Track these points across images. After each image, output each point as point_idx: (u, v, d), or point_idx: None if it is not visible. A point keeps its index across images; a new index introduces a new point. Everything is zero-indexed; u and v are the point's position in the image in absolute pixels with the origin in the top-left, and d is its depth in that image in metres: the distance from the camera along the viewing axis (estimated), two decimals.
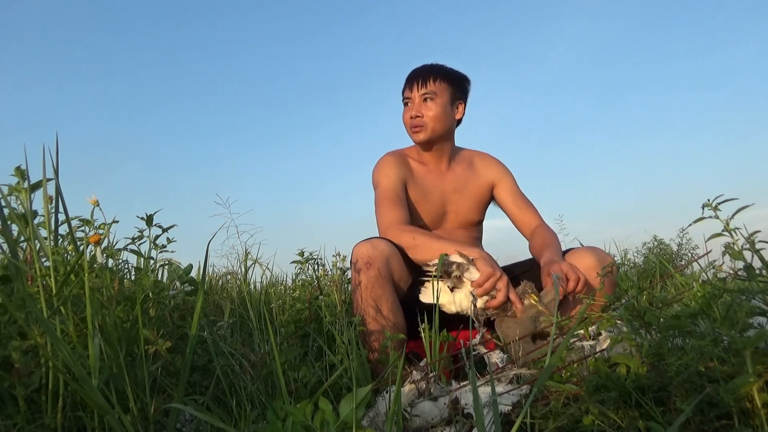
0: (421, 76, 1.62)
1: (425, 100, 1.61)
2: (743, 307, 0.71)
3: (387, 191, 1.57)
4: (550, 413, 0.78)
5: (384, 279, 1.32)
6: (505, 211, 1.72)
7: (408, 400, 0.85)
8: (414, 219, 1.63)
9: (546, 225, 1.63)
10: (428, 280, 1.31)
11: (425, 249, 1.37)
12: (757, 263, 0.78)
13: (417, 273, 1.44)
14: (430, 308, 1.24)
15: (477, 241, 1.75)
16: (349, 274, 1.46)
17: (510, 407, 0.82)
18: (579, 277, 1.27)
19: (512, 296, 1.26)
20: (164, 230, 1.31)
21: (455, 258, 1.30)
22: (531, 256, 1.59)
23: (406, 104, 1.65)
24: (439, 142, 1.65)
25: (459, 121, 1.71)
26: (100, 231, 1.11)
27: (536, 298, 1.25)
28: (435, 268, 1.29)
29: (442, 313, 1.23)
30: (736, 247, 0.80)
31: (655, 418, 0.70)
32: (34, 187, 1.01)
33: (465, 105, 1.70)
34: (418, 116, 1.60)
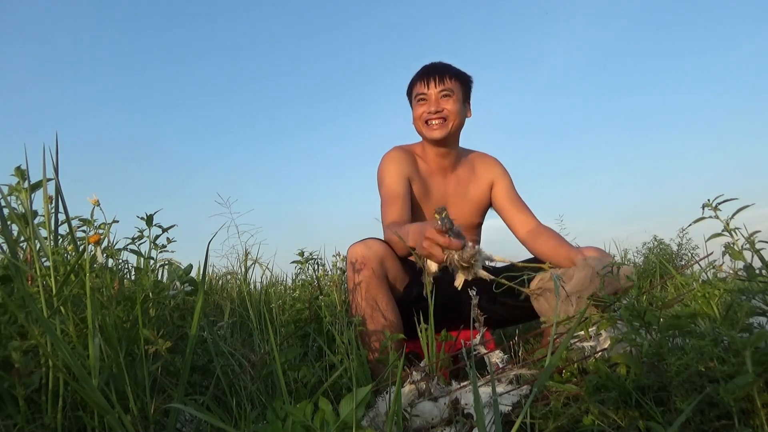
0: (437, 72, 1.61)
1: (443, 96, 1.59)
2: (743, 307, 0.71)
3: (388, 191, 1.57)
4: (550, 413, 0.78)
5: (379, 279, 1.32)
6: (500, 211, 1.71)
7: (408, 400, 0.85)
8: (415, 218, 1.63)
9: (544, 225, 1.62)
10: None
11: (393, 245, 1.38)
12: (757, 263, 0.78)
13: (413, 272, 1.43)
14: (426, 308, 1.24)
15: (476, 243, 1.75)
16: None
17: (510, 407, 0.82)
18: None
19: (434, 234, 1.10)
20: (164, 230, 1.31)
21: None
22: (531, 257, 1.58)
23: (419, 101, 1.62)
24: (450, 140, 1.65)
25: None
26: (100, 231, 1.11)
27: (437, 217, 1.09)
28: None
29: (443, 313, 1.23)
30: (736, 247, 0.80)
31: (655, 418, 0.70)
32: (34, 187, 1.01)
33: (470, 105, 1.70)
34: (438, 111, 1.58)
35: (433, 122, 1.59)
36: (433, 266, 1.23)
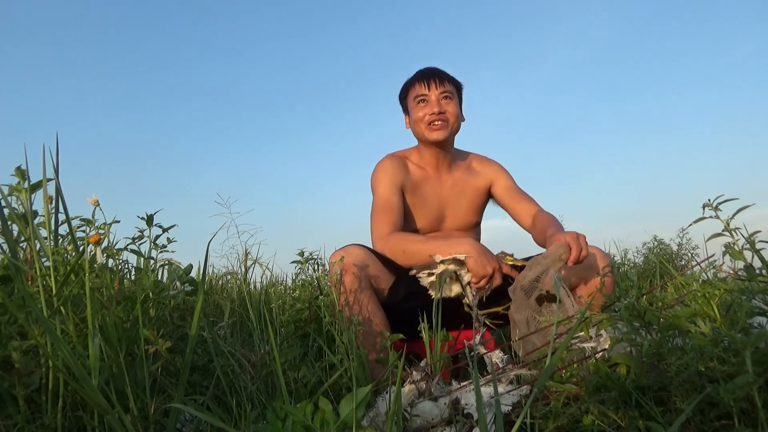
0: (437, 75, 1.62)
1: (444, 98, 1.61)
2: (743, 307, 0.71)
3: (380, 200, 1.57)
4: (550, 413, 0.78)
5: (361, 284, 1.32)
6: (504, 207, 1.72)
7: (408, 400, 0.85)
8: (410, 223, 1.64)
9: (545, 210, 1.63)
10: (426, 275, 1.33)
11: (416, 255, 1.36)
12: (757, 263, 0.78)
13: (398, 274, 1.44)
14: (420, 308, 1.24)
15: None
16: None
17: (510, 407, 0.82)
18: (583, 247, 1.26)
19: (507, 272, 1.30)
20: (164, 230, 1.31)
21: (444, 263, 1.30)
22: (531, 255, 1.58)
23: (419, 102, 1.62)
24: (449, 142, 1.66)
25: None
26: (101, 231, 1.11)
27: (511, 258, 1.32)
28: (431, 273, 1.30)
29: (441, 313, 1.23)
30: (736, 247, 0.80)
31: (655, 418, 0.70)
32: (35, 187, 1.01)
33: None
34: (442, 113, 1.59)
35: (436, 123, 1.59)
36: (455, 289, 1.28)
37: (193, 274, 1.19)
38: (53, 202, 1.04)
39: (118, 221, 1.18)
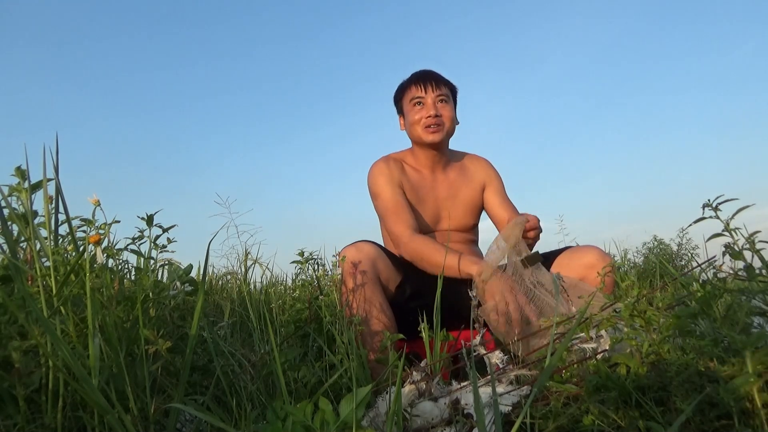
0: (433, 78, 1.63)
1: (440, 101, 1.62)
2: (743, 307, 0.71)
3: (388, 202, 1.57)
4: (550, 413, 0.78)
5: (371, 281, 1.33)
6: (489, 212, 1.73)
7: (408, 400, 0.85)
8: None
9: None
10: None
11: (435, 267, 1.39)
12: (757, 263, 0.78)
13: (405, 272, 1.44)
14: (423, 308, 1.24)
15: (473, 244, 1.76)
16: None
17: (510, 407, 0.82)
18: (534, 222, 1.31)
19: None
20: (164, 230, 1.31)
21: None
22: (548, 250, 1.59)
23: (415, 104, 1.63)
24: (444, 144, 1.67)
25: None
26: (101, 231, 1.11)
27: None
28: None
29: (442, 313, 1.23)
30: (736, 247, 0.80)
31: (655, 418, 0.70)
32: (35, 187, 1.01)
33: None
34: (438, 116, 1.60)
35: (432, 126, 1.60)
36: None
37: (193, 274, 1.19)
38: (53, 202, 1.04)
39: (119, 221, 1.17)
